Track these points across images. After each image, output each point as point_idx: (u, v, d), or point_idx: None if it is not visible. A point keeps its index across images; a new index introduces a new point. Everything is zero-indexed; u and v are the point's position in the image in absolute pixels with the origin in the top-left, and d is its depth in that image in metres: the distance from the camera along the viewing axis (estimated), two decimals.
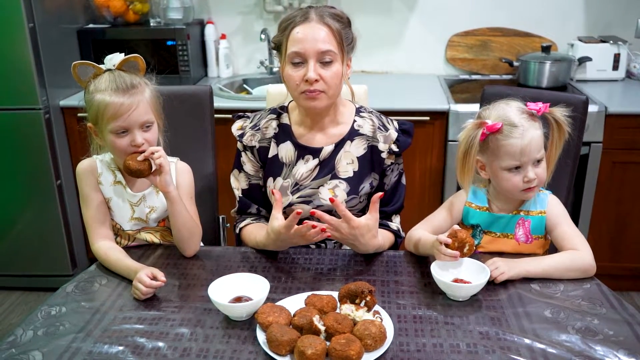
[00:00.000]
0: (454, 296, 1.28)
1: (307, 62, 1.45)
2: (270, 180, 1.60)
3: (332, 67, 1.46)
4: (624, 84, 2.87)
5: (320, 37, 1.44)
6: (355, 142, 1.58)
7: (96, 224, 1.48)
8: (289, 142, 1.59)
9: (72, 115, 2.69)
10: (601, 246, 2.62)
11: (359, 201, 1.59)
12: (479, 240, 1.49)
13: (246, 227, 1.63)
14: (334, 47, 1.45)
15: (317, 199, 1.56)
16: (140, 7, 2.93)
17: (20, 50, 2.49)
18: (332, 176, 1.57)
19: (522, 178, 1.38)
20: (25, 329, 1.20)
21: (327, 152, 1.57)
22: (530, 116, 1.38)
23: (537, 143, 1.37)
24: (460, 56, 3.09)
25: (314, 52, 1.44)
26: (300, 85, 1.46)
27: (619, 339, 1.13)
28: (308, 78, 1.44)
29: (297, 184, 1.58)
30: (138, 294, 1.29)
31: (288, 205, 1.57)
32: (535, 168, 1.38)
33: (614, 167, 2.53)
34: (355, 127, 1.59)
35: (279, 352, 1.08)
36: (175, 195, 1.43)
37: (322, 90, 1.46)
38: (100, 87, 1.40)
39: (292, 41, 1.46)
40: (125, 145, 1.41)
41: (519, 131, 1.36)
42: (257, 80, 3.09)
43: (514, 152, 1.37)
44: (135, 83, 1.42)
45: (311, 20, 1.45)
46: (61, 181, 2.72)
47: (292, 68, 1.47)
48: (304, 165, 1.58)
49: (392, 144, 1.58)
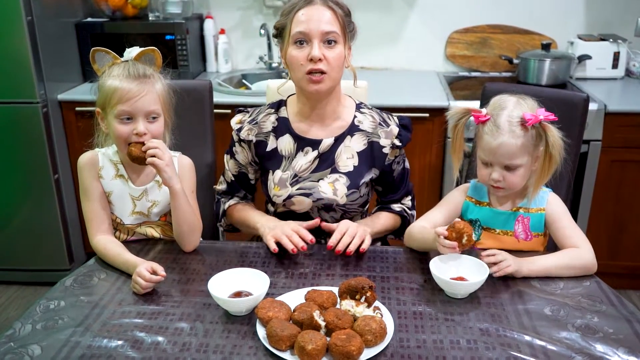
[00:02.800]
0: (453, 294, 1.28)
1: (311, 41, 1.46)
2: (270, 173, 1.60)
3: (336, 48, 1.48)
4: (623, 82, 2.87)
5: (324, 18, 1.46)
6: (356, 137, 1.59)
7: (96, 217, 1.48)
8: (288, 134, 1.59)
9: (70, 109, 2.67)
10: (600, 245, 2.62)
11: (359, 195, 1.59)
12: (478, 235, 1.49)
13: (235, 205, 1.69)
14: (337, 29, 1.47)
15: (317, 192, 1.56)
16: (139, 1, 2.91)
17: (18, 44, 2.47)
18: (332, 170, 1.58)
19: (489, 174, 1.40)
20: (24, 322, 1.19)
21: (326, 145, 1.57)
22: (521, 124, 1.36)
23: (509, 150, 1.36)
24: (460, 53, 3.09)
25: (318, 32, 1.45)
26: (304, 65, 1.47)
27: (618, 336, 1.13)
28: (312, 56, 1.45)
29: (296, 175, 1.58)
30: (137, 288, 1.28)
31: (288, 197, 1.57)
32: (506, 172, 1.38)
33: (613, 165, 2.54)
34: (356, 123, 1.59)
35: (279, 347, 1.08)
36: (178, 189, 1.43)
37: (325, 70, 1.47)
38: (113, 73, 1.42)
39: (296, 22, 1.48)
40: (127, 133, 1.41)
41: (495, 132, 1.36)
42: (256, 75, 3.09)
43: (485, 148, 1.39)
44: (148, 74, 1.44)
45: (315, 3, 1.48)
46: (59, 175, 2.70)
47: (296, 48, 1.48)
48: (303, 157, 1.58)
49: (395, 138, 1.59)
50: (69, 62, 2.79)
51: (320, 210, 1.60)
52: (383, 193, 1.69)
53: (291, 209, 1.60)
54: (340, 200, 1.57)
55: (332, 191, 1.56)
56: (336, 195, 1.56)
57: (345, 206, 1.59)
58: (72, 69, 2.81)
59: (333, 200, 1.56)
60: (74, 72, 2.82)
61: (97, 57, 1.47)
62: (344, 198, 1.56)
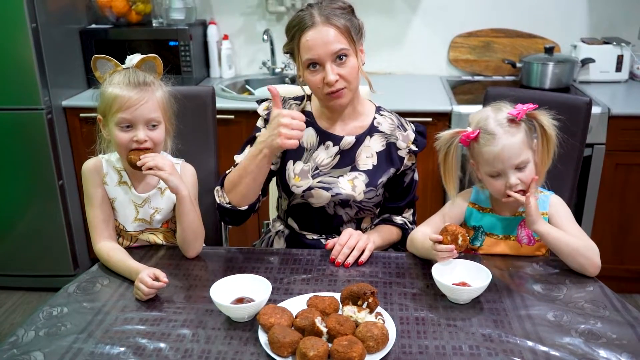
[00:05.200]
0: (456, 299, 1.27)
1: (323, 64, 1.47)
2: (291, 163, 1.61)
3: (348, 62, 1.48)
4: (627, 86, 2.86)
5: (329, 38, 1.45)
6: (375, 138, 1.61)
7: (100, 224, 1.48)
8: (311, 127, 1.61)
9: (74, 116, 2.68)
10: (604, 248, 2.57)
11: (376, 194, 1.61)
12: (481, 242, 1.49)
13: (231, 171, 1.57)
14: (345, 44, 1.47)
15: (337, 187, 1.58)
16: (143, 8, 2.93)
17: (23, 51, 2.49)
18: (352, 168, 1.60)
19: (505, 184, 1.38)
20: (27, 329, 1.19)
21: (347, 143, 1.59)
22: (510, 122, 1.37)
23: (513, 150, 1.36)
24: (463, 57, 3.09)
25: (327, 55, 1.46)
26: (322, 87, 1.49)
27: (622, 342, 1.13)
28: (328, 82, 1.46)
29: (317, 168, 1.60)
30: (140, 294, 1.28)
31: (308, 188, 1.58)
32: (518, 173, 1.38)
33: (617, 168, 2.53)
34: (375, 124, 1.62)
35: (280, 354, 1.08)
36: (185, 195, 1.43)
37: (343, 87, 1.49)
38: (114, 81, 1.43)
39: (303, 49, 1.48)
40: (127, 140, 1.42)
41: (492, 139, 1.36)
42: (259, 80, 3.09)
43: (489, 160, 1.38)
44: (149, 81, 1.44)
45: (317, 24, 1.46)
46: (63, 181, 2.72)
47: (310, 73, 1.49)
48: (324, 151, 1.60)
49: (411, 144, 1.62)
50: (74, 69, 2.80)
51: (336, 205, 1.61)
52: (388, 199, 1.69)
53: (309, 201, 1.60)
54: (358, 197, 1.58)
55: (351, 187, 1.58)
56: (354, 192, 1.57)
57: (362, 203, 1.60)
58: (77, 75, 2.82)
59: (351, 196, 1.57)
60: (78, 79, 2.83)
61: (99, 65, 1.47)
62: (362, 195, 1.58)
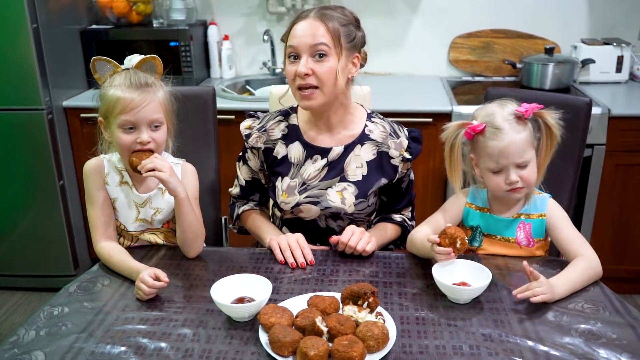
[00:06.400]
0: (456, 299, 1.27)
1: (300, 56, 1.46)
2: (279, 180, 1.60)
3: (327, 62, 1.45)
4: (627, 86, 2.86)
5: (314, 31, 1.45)
6: (366, 146, 1.58)
7: (101, 224, 1.48)
8: (298, 142, 1.59)
9: (75, 116, 2.69)
10: (604, 249, 2.62)
11: (367, 205, 1.59)
12: (479, 242, 1.49)
13: (250, 212, 1.70)
14: (327, 42, 1.44)
15: (325, 200, 1.56)
16: (144, 8, 2.93)
17: (24, 51, 2.49)
18: (341, 179, 1.57)
19: (505, 179, 1.38)
20: (27, 329, 1.20)
21: (336, 153, 1.57)
22: (517, 119, 1.37)
23: (518, 147, 1.36)
24: (463, 58, 3.09)
25: (306, 47, 1.45)
26: (295, 80, 1.47)
27: (622, 342, 1.13)
28: (298, 72, 1.45)
29: (304, 183, 1.58)
30: (140, 294, 1.29)
31: (295, 205, 1.57)
32: (520, 170, 1.38)
33: (617, 169, 2.53)
34: (366, 132, 1.59)
35: (281, 353, 1.08)
36: (183, 197, 1.43)
37: (315, 85, 1.46)
38: (114, 82, 1.42)
39: (290, 37, 1.48)
40: (130, 142, 1.42)
41: (499, 134, 1.36)
42: (259, 81, 3.10)
43: (492, 154, 1.38)
44: (150, 82, 1.44)
45: (309, 17, 1.47)
46: (64, 182, 2.72)
47: (289, 63, 1.49)
48: (312, 165, 1.58)
49: (404, 151, 1.59)
50: (74, 69, 2.80)
51: (327, 218, 1.60)
52: (388, 203, 1.69)
53: (299, 216, 1.60)
54: (349, 210, 1.56)
55: (340, 200, 1.55)
56: (344, 204, 1.56)
57: (353, 215, 1.59)
58: (77, 75, 2.82)
59: (341, 209, 1.56)
60: (79, 79, 2.83)
61: (98, 66, 1.47)
62: (352, 207, 1.56)
